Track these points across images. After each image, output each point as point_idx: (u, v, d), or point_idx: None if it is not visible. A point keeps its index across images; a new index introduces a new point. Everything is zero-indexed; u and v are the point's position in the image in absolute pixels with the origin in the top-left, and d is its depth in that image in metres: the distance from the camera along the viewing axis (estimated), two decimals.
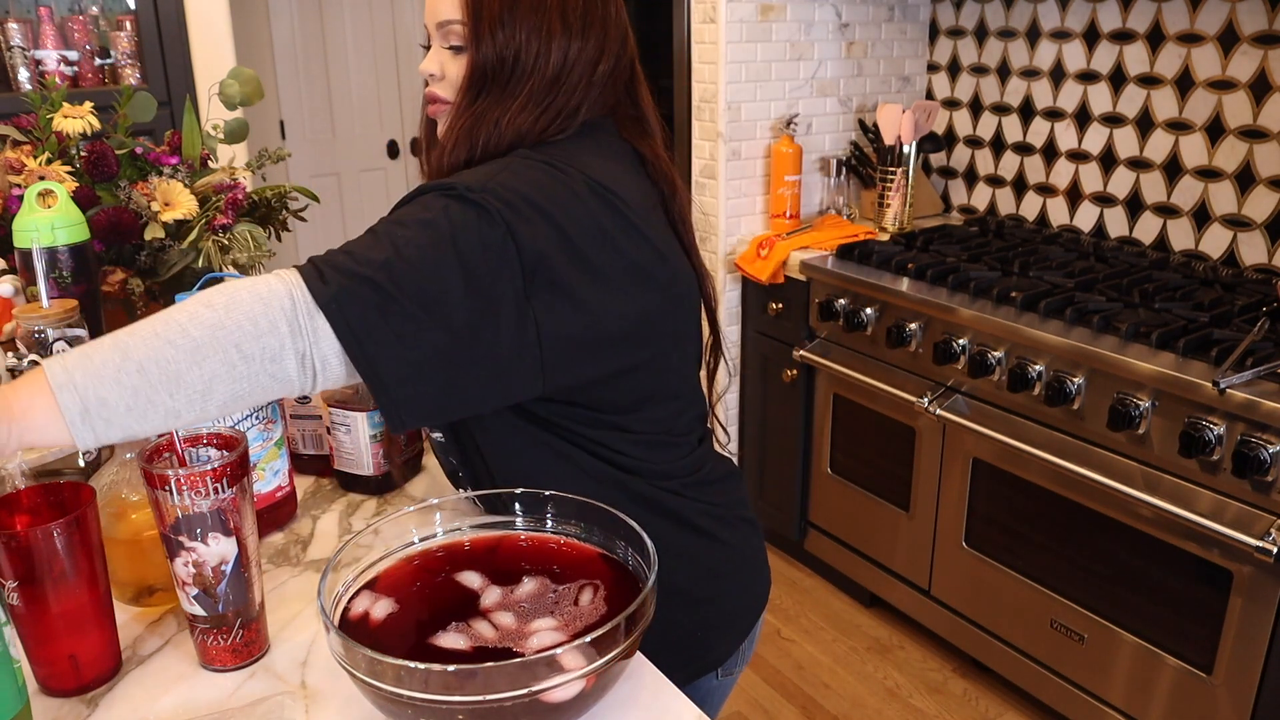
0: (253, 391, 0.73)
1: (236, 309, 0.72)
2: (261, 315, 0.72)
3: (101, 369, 0.69)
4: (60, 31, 2.60)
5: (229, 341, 0.71)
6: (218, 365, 0.71)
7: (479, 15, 0.91)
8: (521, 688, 0.65)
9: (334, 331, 0.74)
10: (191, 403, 0.71)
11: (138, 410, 0.69)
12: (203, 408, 0.72)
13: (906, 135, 2.49)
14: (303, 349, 0.74)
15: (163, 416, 0.71)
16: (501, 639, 0.75)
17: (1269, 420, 1.52)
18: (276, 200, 1.42)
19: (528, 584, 0.80)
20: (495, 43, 0.91)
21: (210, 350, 0.71)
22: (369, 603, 0.80)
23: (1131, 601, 1.81)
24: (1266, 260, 2.11)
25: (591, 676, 0.68)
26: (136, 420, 0.70)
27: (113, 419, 0.69)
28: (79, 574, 0.76)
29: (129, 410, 0.69)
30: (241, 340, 0.71)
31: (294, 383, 0.75)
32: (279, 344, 0.72)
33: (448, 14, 0.93)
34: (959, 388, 2.06)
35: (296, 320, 0.73)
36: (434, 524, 0.89)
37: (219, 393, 0.72)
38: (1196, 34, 2.14)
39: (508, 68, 0.91)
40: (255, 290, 0.73)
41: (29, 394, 0.68)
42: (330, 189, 4.39)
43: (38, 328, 1.02)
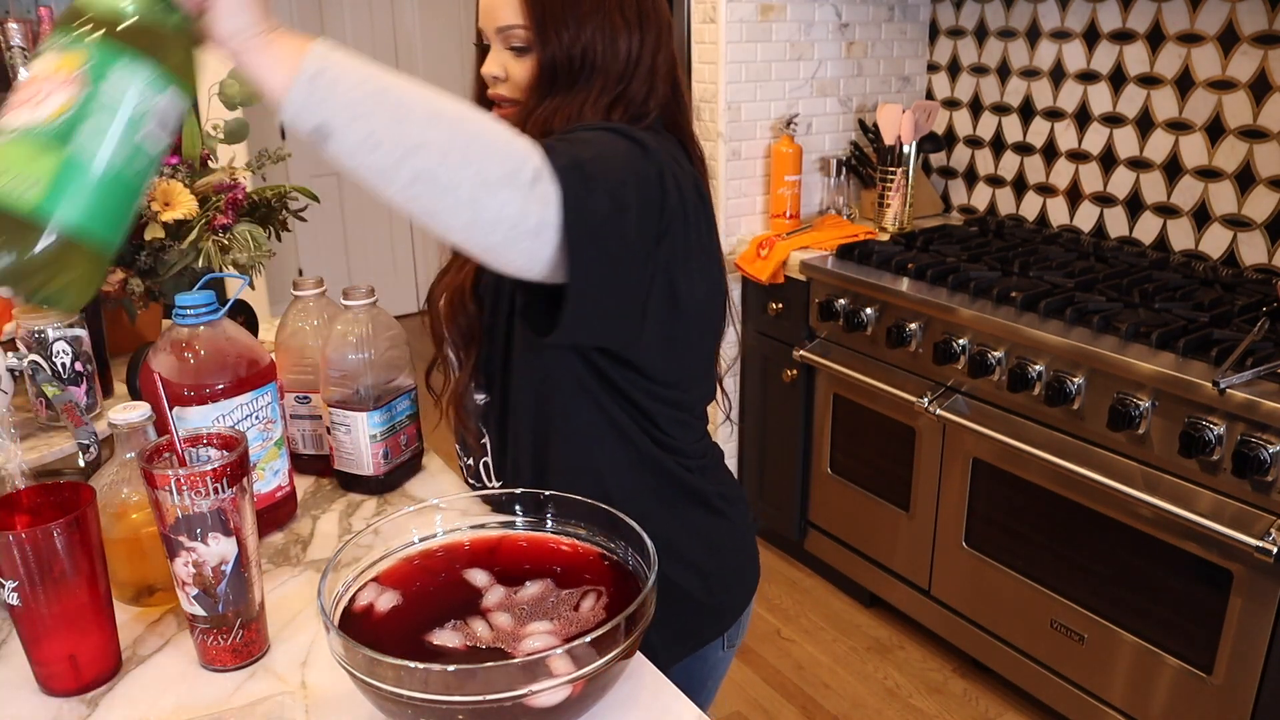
0: (449, 188, 0.70)
1: (486, 121, 0.72)
2: (504, 141, 0.72)
3: (357, 65, 0.68)
4: None
5: (464, 132, 0.70)
6: (440, 137, 0.69)
7: (542, 18, 0.94)
8: (506, 690, 0.65)
9: (561, 199, 0.74)
10: (396, 144, 0.68)
11: (350, 111, 0.67)
12: (400, 160, 0.69)
13: (906, 135, 2.49)
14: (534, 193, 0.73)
15: (365, 135, 0.68)
16: (496, 640, 0.75)
17: (1269, 420, 1.52)
18: (276, 200, 1.42)
19: (531, 587, 0.80)
20: (562, 42, 0.94)
21: (446, 124, 0.70)
22: (374, 595, 0.80)
23: (1131, 601, 1.81)
24: (1266, 260, 2.11)
25: (580, 682, 0.67)
26: (343, 119, 0.67)
27: (328, 101, 0.67)
28: (79, 574, 0.76)
29: (346, 106, 0.67)
30: (475, 141, 0.71)
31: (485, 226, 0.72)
32: (502, 170, 0.71)
33: (509, 19, 0.95)
34: (959, 388, 2.06)
35: (541, 176, 0.73)
36: (434, 524, 0.89)
37: (423, 159, 0.69)
38: (1196, 34, 2.14)
39: (576, 65, 0.95)
40: (507, 129, 0.73)
41: (291, 35, 0.68)
42: (330, 189, 4.39)
43: (38, 328, 1.02)
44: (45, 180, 0.58)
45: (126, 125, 0.62)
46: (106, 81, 0.60)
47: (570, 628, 0.75)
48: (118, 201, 0.63)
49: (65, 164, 0.59)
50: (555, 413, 1.01)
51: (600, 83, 0.95)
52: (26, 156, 0.59)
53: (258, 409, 0.98)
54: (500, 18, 0.96)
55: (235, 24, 0.66)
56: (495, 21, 0.97)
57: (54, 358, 1.03)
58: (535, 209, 0.73)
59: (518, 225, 0.73)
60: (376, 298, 1.11)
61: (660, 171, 0.87)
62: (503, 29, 0.96)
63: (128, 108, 0.61)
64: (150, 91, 0.62)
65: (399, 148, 0.68)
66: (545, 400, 1.00)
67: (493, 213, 0.71)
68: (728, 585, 1.11)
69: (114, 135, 0.61)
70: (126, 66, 0.61)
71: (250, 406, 0.97)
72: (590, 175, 0.77)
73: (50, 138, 0.59)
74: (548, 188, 0.74)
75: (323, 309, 1.17)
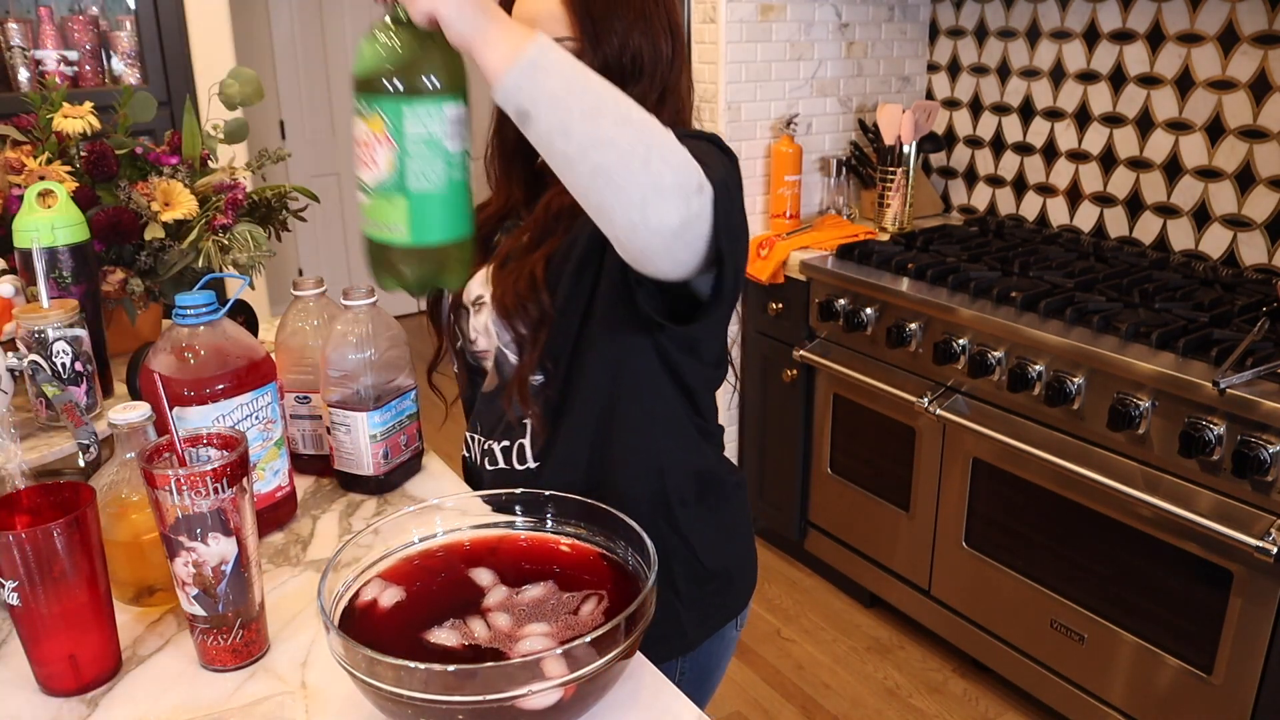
0: (620, 189, 0.77)
1: (668, 135, 0.78)
2: (681, 156, 0.78)
3: (569, 62, 0.76)
4: (60, 31, 2.60)
5: (647, 140, 0.76)
6: (627, 139, 0.76)
7: (592, 30, 0.97)
8: (498, 692, 0.65)
9: (713, 208, 0.81)
10: (584, 138, 0.75)
11: (551, 101, 0.75)
12: (584, 152, 0.76)
13: (906, 135, 2.49)
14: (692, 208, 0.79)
15: (559, 123, 0.75)
16: (493, 640, 0.75)
17: (1269, 420, 1.52)
18: (276, 200, 1.42)
19: (533, 589, 0.80)
20: (611, 50, 0.98)
21: (634, 130, 0.76)
22: (378, 590, 0.81)
23: (1131, 601, 1.81)
24: (1266, 260, 2.11)
25: (572, 686, 0.67)
26: (544, 107, 0.75)
27: (536, 88, 0.74)
28: (79, 574, 0.76)
29: (549, 95, 0.74)
30: (654, 150, 0.76)
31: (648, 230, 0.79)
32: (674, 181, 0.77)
33: (556, 32, 0.98)
34: (959, 388, 2.06)
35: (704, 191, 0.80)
36: (434, 524, 0.89)
37: (605, 156, 0.75)
38: (1196, 34, 2.14)
39: (626, 71, 0.99)
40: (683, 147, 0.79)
41: (512, 25, 0.76)
42: (330, 189, 4.39)
43: (38, 328, 1.02)
44: (404, 221, 0.77)
45: (436, 149, 0.76)
46: (405, 130, 0.75)
47: (568, 631, 0.75)
48: (457, 202, 0.79)
49: (411, 204, 0.77)
50: (623, 395, 1.05)
51: (646, 86, 1.00)
52: (385, 208, 0.77)
53: (258, 409, 0.98)
54: (545, 30, 0.97)
55: (463, 26, 0.74)
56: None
57: (54, 358, 1.03)
58: (695, 223, 0.80)
59: (678, 235, 0.79)
60: (376, 298, 1.11)
61: (740, 184, 0.95)
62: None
63: (430, 137, 0.76)
64: (438, 114, 0.76)
65: (586, 140, 0.75)
66: (617, 384, 1.05)
67: (657, 220, 0.78)
68: (742, 565, 1.18)
69: (432, 163, 0.76)
70: (411, 109, 0.74)
71: (250, 406, 0.97)
72: (731, 193, 0.85)
73: (392, 189, 0.76)
74: (705, 203, 0.80)
75: (323, 309, 1.17)
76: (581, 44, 0.98)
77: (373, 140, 0.76)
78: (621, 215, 0.78)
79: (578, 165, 0.76)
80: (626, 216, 0.78)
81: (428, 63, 0.75)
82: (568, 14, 0.98)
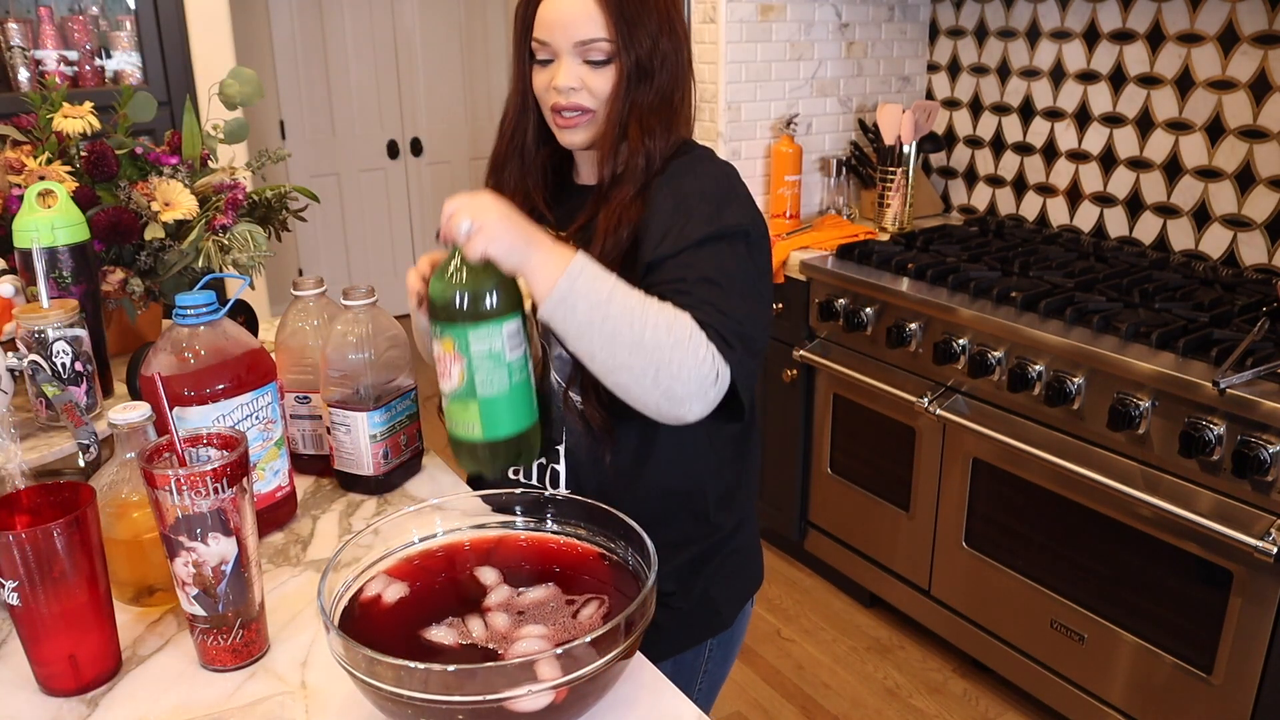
0: (636, 399, 0.92)
1: (680, 349, 0.90)
2: (690, 368, 0.90)
3: (594, 289, 0.89)
4: (60, 31, 2.60)
5: (656, 361, 0.90)
6: (638, 364, 0.90)
7: (627, 30, 1.00)
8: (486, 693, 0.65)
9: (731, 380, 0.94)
10: (603, 363, 0.91)
11: (582, 331, 0.90)
12: (605, 372, 0.92)
13: (906, 135, 2.49)
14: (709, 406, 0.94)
15: (583, 349, 0.91)
16: (489, 640, 0.75)
17: (1269, 420, 1.52)
18: (276, 200, 1.42)
19: (537, 591, 0.80)
20: (643, 49, 1.01)
21: (644, 354, 0.89)
22: (382, 586, 0.81)
23: (1131, 601, 1.81)
24: (1266, 260, 2.11)
25: (564, 690, 0.67)
26: (574, 333, 0.90)
27: (569, 318, 0.89)
28: (79, 574, 0.76)
29: (577, 326, 0.90)
30: (663, 369, 0.90)
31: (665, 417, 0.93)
32: (685, 391, 0.91)
33: (592, 33, 1.01)
34: (959, 388, 2.06)
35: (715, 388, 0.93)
36: (434, 524, 0.89)
37: (620, 377, 0.91)
38: (1196, 34, 2.14)
39: (655, 68, 1.03)
40: (698, 350, 0.91)
41: (560, 255, 0.90)
42: (330, 189, 4.39)
43: (38, 328, 1.02)
44: (476, 422, 0.93)
45: (499, 361, 0.92)
46: (472, 348, 0.91)
47: (564, 634, 0.75)
48: (522, 400, 0.94)
49: (482, 407, 0.92)
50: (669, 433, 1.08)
51: (672, 83, 1.05)
52: (460, 411, 0.93)
53: (258, 409, 0.98)
54: (581, 32, 1.01)
55: (512, 262, 0.88)
56: (574, 36, 1.01)
57: (54, 358, 1.03)
58: (714, 402, 0.94)
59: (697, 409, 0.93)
60: (376, 298, 1.11)
61: (765, 244, 1.05)
62: (583, 42, 1.01)
63: (494, 351, 0.91)
64: (498, 333, 0.91)
65: (605, 366, 0.91)
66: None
67: (673, 414, 0.93)
68: (755, 532, 1.24)
69: (496, 372, 0.92)
70: (476, 332, 0.90)
71: (250, 406, 0.97)
72: (752, 343, 0.96)
73: (465, 396, 0.93)
74: (724, 383, 0.93)
75: (323, 309, 1.17)
76: (616, 45, 1.01)
77: (446, 357, 0.92)
78: (645, 409, 0.93)
79: (602, 378, 0.92)
80: (641, 407, 0.93)
81: (485, 292, 0.90)
82: (603, 15, 1.00)
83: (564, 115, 1.05)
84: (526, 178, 1.13)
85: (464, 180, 4.67)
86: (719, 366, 0.92)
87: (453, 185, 4.66)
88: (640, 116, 1.03)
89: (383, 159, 4.53)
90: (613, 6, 1.00)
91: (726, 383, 0.93)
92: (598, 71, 1.03)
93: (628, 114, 1.03)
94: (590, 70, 1.03)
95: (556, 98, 1.04)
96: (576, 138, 1.06)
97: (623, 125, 1.03)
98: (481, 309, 0.90)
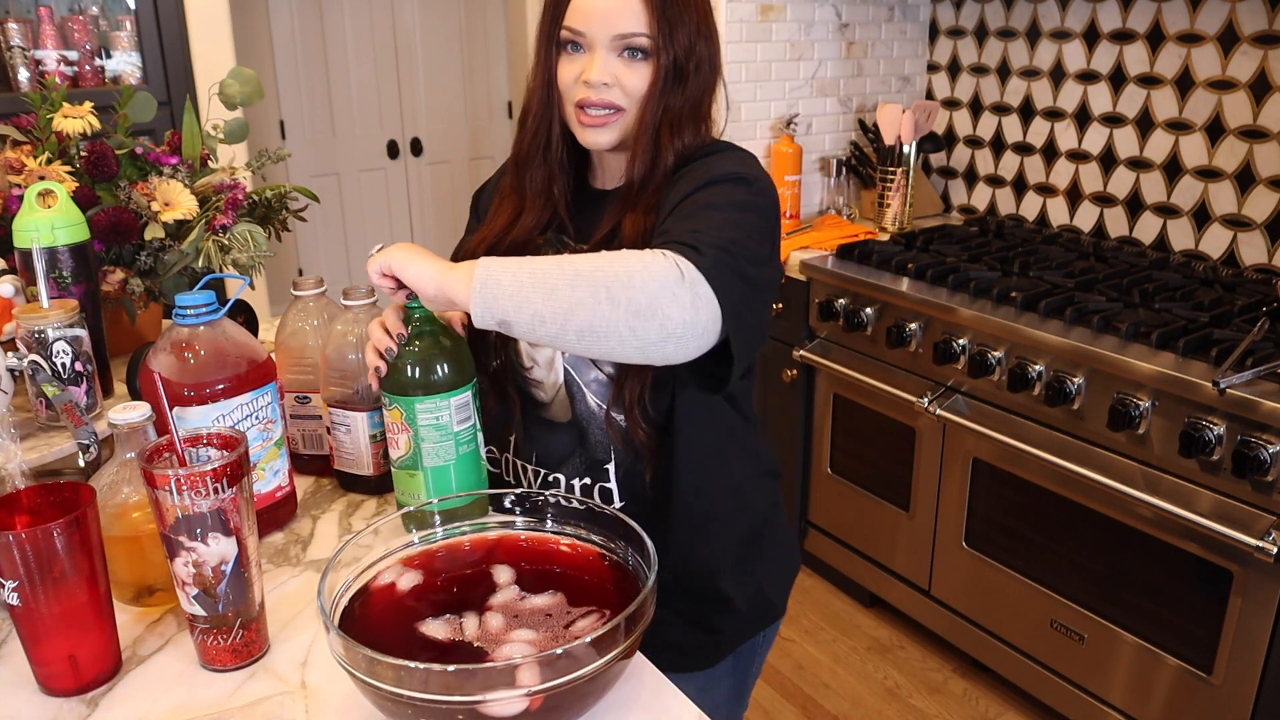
0: (609, 331, 0.81)
1: (618, 261, 0.82)
2: (639, 272, 0.81)
3: (509, 263, 0.83)
4: (60, 31, 2.60)
5: (601, 280, 0.81)
6: (584, 294, 0.80)
7: (668, 26, 0.97)
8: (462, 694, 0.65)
9: (714, 295, 0.83)
10: (555, 315, 0.81)
11: (518, 299, 0.81)
12: (563, 325, 0.81)
13: (906, 135, 2.49)
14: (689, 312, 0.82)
15: (531, 316, 0.81)
16: (480, 639, 0.75)
17: (1269, 420, 1.52)
18: (276, 200, 1.42)
19: (540, 599, 0.80)
20: (681, 46, 0.98)
21: (585, 281, 0.81)
22: (397, 575, 0.83)
23: (1131, 601, 1.81)
24: (1266, 260, 2.11)
25: (539, 697, 0.67)
26: (514, 307, 0.81)
27: (499, 296, 0.81)
28: (79, 574, 0.76)
29: (510, 296, 0.81)
30: (613, 283, 0.80)
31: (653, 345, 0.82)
32: (648, 297, 0.80)
33: (632, 27, 0.97)
34: (959, 388, 2.06)
35: (685, 285, 0.82)
36: (434, 524, 0.89)
37: (578, 318, 0.81)
38: (1196, 34, 2.14)
39: (691, 67, 1.00)
40: (640, 256, 0.83)
41: (463, 267, 0.84)
42: (330, 189, 4.39)
43: (38, 328, 1.02)
44: (422, 490, 0.96)
45: (445, 432, 0.94)
46: (419, 419, 0.94)
47: (553, 643, 0.74)
48: (469, 468, 0.97)
49: (429, 476, 0.96)
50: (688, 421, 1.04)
51: (703, 88, 1.02)
52: (406, 480, 0.97)
53: (258, 409, 0.98)
54: (621, 25, 0.97)
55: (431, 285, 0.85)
56: (613, 29, 0.97)
57: (54, 358, 1.03)
58: (699, 314, 0.82)
59: (685, 333, 0.82)
60: (377, 298, 1.11)
61: (771, 200, 0.97)
62: (623, 35, 0.97)
63: (437, 423, 0.94)
64: (444, 404, 0.93)
65: (558, 316, 0.81)
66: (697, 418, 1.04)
67: (655, 333, 0.81)
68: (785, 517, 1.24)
69: (440, 444, 0.95)
70: (420, 404, 0.93)
71: (250, 406, 0.97)
72: (734, 257, 0.86)
73: (410, 465, 0.96)
74: (701, 289, 0.82)
75: (323, 309, 1.17)
76: (656, 41, 0.97)
77: (394, 426, 0.95)
78: (625, 351, 0.82)
79: (565, 339, 0.82)
80: (628, 348, 0.82)
81: (435, 365, 0.93)
82: (646, 10, 0.97)
83: (590, 112, 1.00)
84: (552, 180, 1.07)
85: (464, 180, 4.67)
86: (680, 265, 0.82)
87: (453, 185, 4.66)
88: (672, 120, 1.00)
89: (383, 159, 4.53)
90: (656, 2, 0.97)
91: (700, 282, 0.82)
92: (633, 68, 0.98)
93: (660, 116, 0.99)
94: (625, 66, 0.98)
95: (585, 92, 0.99)
96: (602, 138, 1.01)
97: (655, 127, 1.00)
98: (431, 381, 0.93)
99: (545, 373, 1.05)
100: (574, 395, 1.04)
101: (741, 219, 0.91)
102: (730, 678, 1.16)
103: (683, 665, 1.08)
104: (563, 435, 1.07)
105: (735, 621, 1.13)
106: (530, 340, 0.85)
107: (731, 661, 1.15)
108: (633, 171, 1.02)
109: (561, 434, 1.07)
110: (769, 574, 1.16)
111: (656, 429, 1.03)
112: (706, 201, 0.92)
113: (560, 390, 1.05)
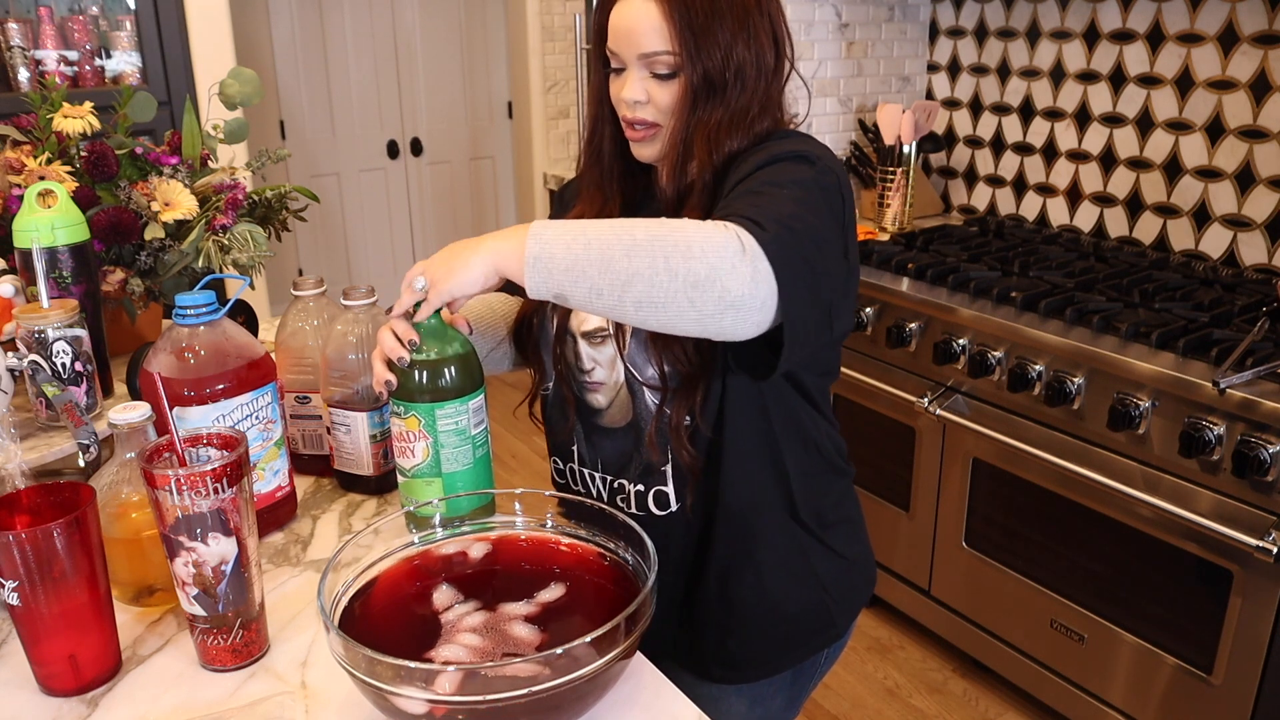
0: (667, 302, 0.79)
1: (678, 230, 0.80)
2: (698, 242, 0.79)
3: (563, 233, 0.81)
4: (60, 31, 2.60)
5: (660, 251, 0.79)
6: (642, 265, 0.78)
7: (693, 43, 0.94)
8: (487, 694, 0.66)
9: (773, 271, 0.80)
10: (612, 287, 0.79)
11: (574, 272, 0.80)
12: (620, 297, 0.79)
13: (906, 135, 2.49)
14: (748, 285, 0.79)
15: (588, 289, 0.80)
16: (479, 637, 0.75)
17: (1269, 420, 1.52)
18: (276, 200, 1.42)
19: (540, 598, 0.81)
20: (713, 62, 0.95)
21: (643, 251, 0.79)
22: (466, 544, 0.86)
23: (1131, 601, 1.81)
24: (1266, 260, 2.11)
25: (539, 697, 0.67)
26: (569, 281, 0.80)
27: (554, 271, 0.80)
28: (79, 574, 0.76)
29: (566, 270, 0.80)
30: (671, 254, 0.78)
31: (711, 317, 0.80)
32: (708, 267, 0.78)
33: (656, 45, 0.95)
34: (959, 388, 2.06)
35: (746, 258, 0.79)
36: (434, 523, 0.89)
37: (636, 289, 0.79)
38: (1196, 34, 2.14)
39: (725, 83, 0.96)
40: (701, 226, 0.80)
41: (516, 233, 0.82)
42: (330, 189, 4.39)
43: (38, 328, 1.02)
44: (437, 497, 0.94)
45: (464, 436, 0.93)
46: (436, 426, 0.92)
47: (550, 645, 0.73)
48: (482, 472, 0.96)
49: (445, 483, 0.94)
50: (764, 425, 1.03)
51: (748, 98, 0.98)
52: (422, 487, 0.95)
53: (258, 409, 0.98)
54: (645, 44, 0.96)
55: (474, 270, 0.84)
56: (639, 48, 0.96)
57: (54, 358, 1.03)
58: (759, 288, 0.79)
59: (744, 304, 0.79)
60: (377, 298, 1.11)
61: (837, 181, 0.93)
62: (648, 55, 0.96)
63: (458, 428, 0.93)
64: (461, 409, 0.93)
65: (615, 288, 0.79)
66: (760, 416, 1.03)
67: (714, 305, 0.79)
68: (867, 546, 1.22)
69: (459, 448, 0.94)
70: (441, 410, 0.92)
71: (250, 406, 0.97)
72: (796, 234, 0.83)
73: (428, 473, 0.94)
74: (761, 264, 0.79)
75: (323, 309, 1.17)
76: (680, 57, 0.95)
77: (409, 435, 0.93)
78: (683, 322, 0.80)
79: (624, 311, 0.80)
80: (687, 320, 0.80)
81: (451, 371, 0.93)
82: (668, 26, 0.95)
83: (634, 128, 1.01)
84: (603, 187, 1.09)
85: (464, 180, 4.67)
86: (742, 237, 0.79)
87: (453, 185, 4.66)
88: (708, 133, 0.97)
89: (383, 159, 4.53)
90: (679, 17, 0.94)
91: (760, 257, 0.79)
92: (663, 85, 0.98)
93: (693, 130, 0.98)
94: (657, 84, 0.98)
95: (625, 110, 1.01)
96: (646, 151, 1.03)
97: (687, 142, 0.98)
98: (449, 386, 0.92)
99: (607, 373, 1.04)
100: (635, 393, 1.04)
101: (804, 196, 0.88)
102: (787, 690, 1.14)
103: (730, 677, 1.09)
104: (620, 440, 1.06)
105: (788, 630, 1.10)
106: (588, 311, 0.83)
107: (791, 676, 1.13)
108: (671, 185, 1.02)
109: (619, 439, 1.06)
110: (837, 597, 1.12)
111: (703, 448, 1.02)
112: (769, 179, 0.90)
113: (621, 389, 1.04)
